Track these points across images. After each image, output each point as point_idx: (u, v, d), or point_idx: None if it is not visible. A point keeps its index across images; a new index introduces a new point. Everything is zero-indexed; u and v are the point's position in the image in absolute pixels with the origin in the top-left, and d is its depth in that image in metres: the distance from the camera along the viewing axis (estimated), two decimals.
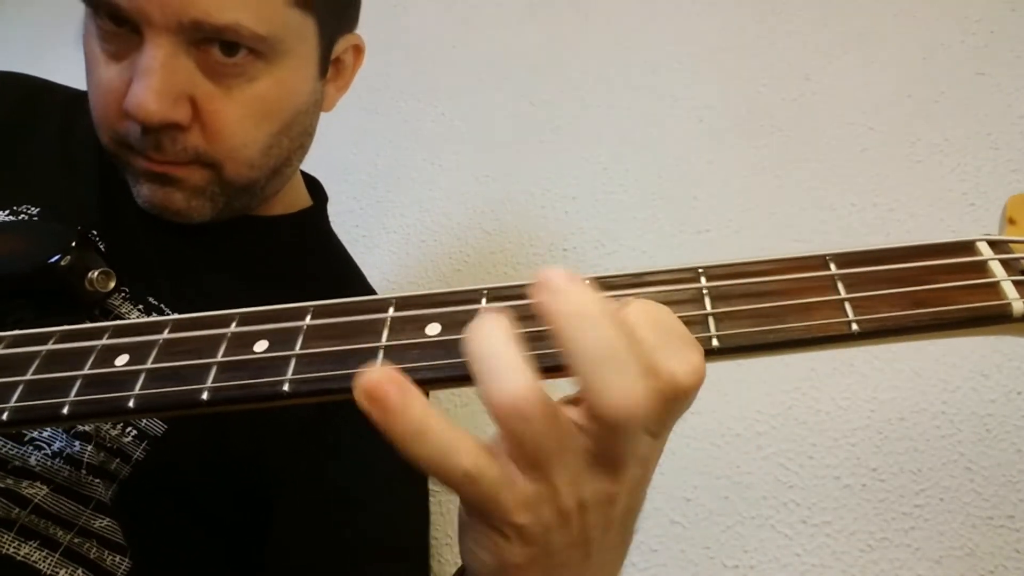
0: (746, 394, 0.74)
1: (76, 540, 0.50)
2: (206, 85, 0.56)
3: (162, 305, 0.59)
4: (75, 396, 0.35)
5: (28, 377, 0.36)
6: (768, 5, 0.99)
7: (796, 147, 0.87)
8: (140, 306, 0.58)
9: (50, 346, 0.37)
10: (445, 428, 0.28)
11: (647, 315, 0.30)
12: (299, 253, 0.71)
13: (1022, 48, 0.84)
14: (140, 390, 0.34)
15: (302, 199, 0.76)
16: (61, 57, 1.44)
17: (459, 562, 0.75)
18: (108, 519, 0.51)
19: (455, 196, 1.00)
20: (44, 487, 0.50)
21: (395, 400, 0.27)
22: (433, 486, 0.80)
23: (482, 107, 1.07)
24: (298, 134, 0.64)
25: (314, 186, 0.79)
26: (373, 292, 0.76)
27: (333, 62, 0.68)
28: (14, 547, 0.48)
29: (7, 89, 0.72)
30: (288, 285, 0.67)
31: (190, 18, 0.52)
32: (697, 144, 0.92)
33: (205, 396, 0.34)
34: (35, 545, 0.48)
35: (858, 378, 0.71)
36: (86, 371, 0.36)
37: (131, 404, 0.34)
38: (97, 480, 0.52)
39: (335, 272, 0.75)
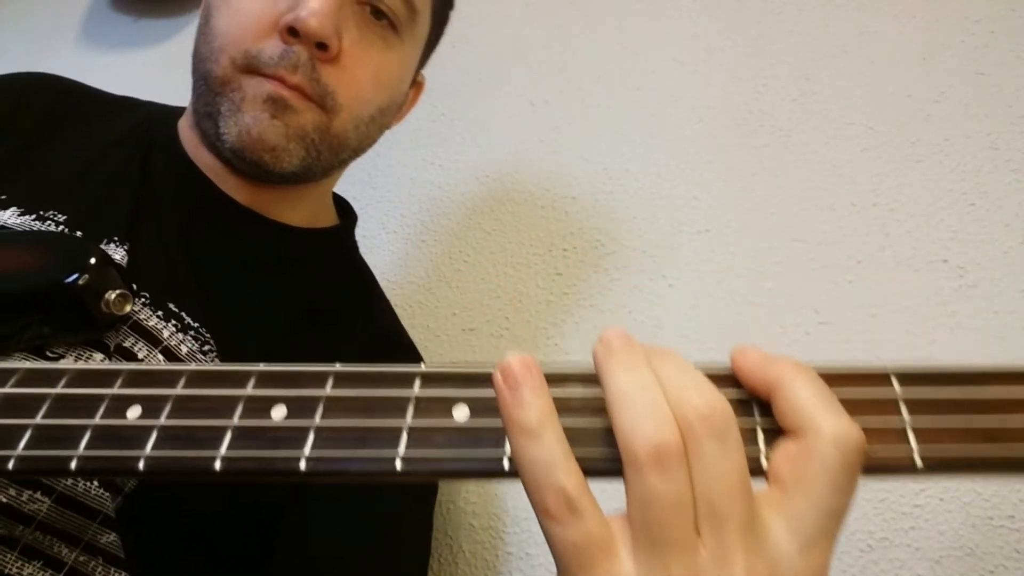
0: None
1: (81, 558, 0.48)
2: (355, 33, 0.61)
3: (183, 313, 0.57)
4: (84, 450, 0.33)
5: (37, 421, 0.34)
6: (768, 5, 0.99)
7: (796, 147, 0.87)
8: (160, 312, 0.56)
9: (60, 389, 0.35)
10: (561, 441, 0.26)
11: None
12: (326, 268, 0.70)
13: (1022, 48, 0.84)
14: (152, 450, 0.32)
15: (332, 217, 0.76)
16: (60, 58, 1.44)
17: (459, 562, 0.75)
18: (115, 535, 0.50)
19: (455, 196, 1.00)
20: (46, 499, 0.48)
21: (525, 392, 0.26)
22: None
23: (482, 107, 1.07)
24: (383, 124, 0.68)
25: (343, 207, 0.78)
26: (395, 317, 0.75)
27: (414, 81, 0.72)
28: (17, 568, 0.46)
29: (38, 91, 0.70)
30: (313, 300, 0.66)
31: None
32: (697, 144, 0.92)
33: (218, 466, 0.32)
34: (39, 565, 0.47)
35: None
36: (97, 421, 0.34)
37: (141, 466, 0.32)
38: (107, 494, 0.50)
39: (360, 292, 0.74)
